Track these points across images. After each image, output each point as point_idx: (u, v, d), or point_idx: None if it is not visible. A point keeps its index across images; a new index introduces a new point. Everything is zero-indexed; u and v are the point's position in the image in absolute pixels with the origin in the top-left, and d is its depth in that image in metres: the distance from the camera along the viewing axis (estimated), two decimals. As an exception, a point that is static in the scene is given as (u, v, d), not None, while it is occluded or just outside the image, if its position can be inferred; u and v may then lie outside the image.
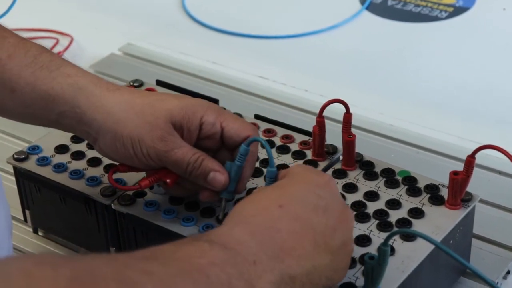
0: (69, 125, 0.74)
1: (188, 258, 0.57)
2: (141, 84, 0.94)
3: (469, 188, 0.76)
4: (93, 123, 0.72)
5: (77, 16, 1.29)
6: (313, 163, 0.82)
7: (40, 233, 0.88)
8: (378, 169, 0.81)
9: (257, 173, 0.80)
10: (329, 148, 0.83)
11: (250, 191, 0.77)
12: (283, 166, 0.82)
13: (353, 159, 0.81)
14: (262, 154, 0.83)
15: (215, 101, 0.92)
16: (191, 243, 0.59)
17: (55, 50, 1.19)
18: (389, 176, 0.80)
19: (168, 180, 0.74)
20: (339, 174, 0.80)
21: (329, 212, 0.64)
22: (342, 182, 0.79)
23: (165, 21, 1.28)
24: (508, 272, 0.82)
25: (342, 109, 0.80)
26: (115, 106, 0.72)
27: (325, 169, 0.82)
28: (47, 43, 1.21)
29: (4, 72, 0.73)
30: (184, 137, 0.73)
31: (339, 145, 0.83)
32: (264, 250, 0.60)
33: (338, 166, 0.81)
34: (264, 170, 0.81)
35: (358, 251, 0.72)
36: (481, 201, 0.81)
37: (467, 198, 0.77)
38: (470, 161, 0.75)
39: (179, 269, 0.56)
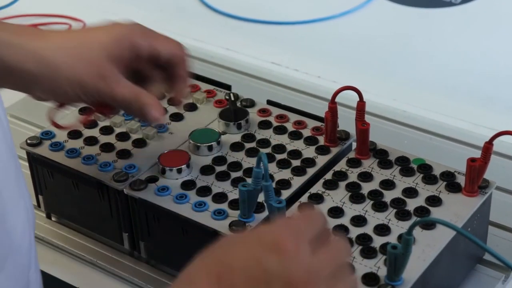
0: None
1: None
2: (153, 70, 0.94)
3: (484, 175, 0.76)
4: (25, 73, 0.69)
5: (89, 2, 1.29)
6: (325, 149, 0.82)
7: (53, 219, 0.89)
8: (392, 157, 0.80)
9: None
10: (342, 134, 0.83)
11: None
12: (295, 152, 0.82)
13: (367, 148, 0.81)
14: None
15: (228, 87, 0.92)
16: None
17: (68, 36, 1.19)
18: (404, 164, 0.80)
19: (106, 112, 0.77)
20: (353, 163, 0.80)
21: (275, 281, 0.51)
22: (357, 171, 0.79)
23: (178, 7, 1.28)
24: (522, 259, 0.82)
25: (355, 95, 0.79)
26: (46, 51, 0.69)
27: (337, 155, 0.82)
28: (59, 28, 1.21)
29: None
30: (121, 65, 0.72)
31: (352, 131, 0.83)
32: None
33: (352, 155, 0.81)
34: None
35: (378, 241, 0.72)
36: (496, 188, 0.81)
37: (484, 185, 0.76)
38: (487, 148, 0.74)
39: None
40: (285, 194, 0.77)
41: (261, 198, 0.74)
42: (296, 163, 0.80)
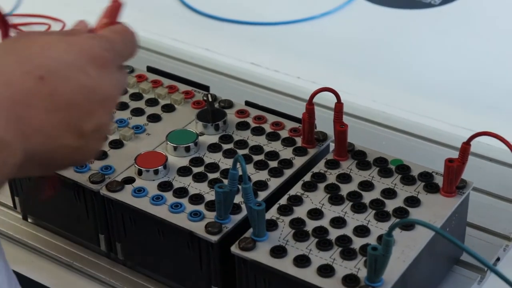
0: None
1: None
2: (132, 70, 0.94)
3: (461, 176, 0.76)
4: None
5: (69, 1, 1.28)
6: (302, 150, 0.82)
7: (29, 220, 0.88)
8: (370, 159, 0.80)
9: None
10: (319, 135, 0.83)
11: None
12: (273, 153, 0.81)
13: (346, 149, 0.81)
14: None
15: (206, 88, 0.91)
16: None
17: (47, 36, 1.19)
18: (382, 165, 0.79)
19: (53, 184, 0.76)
20: (332, 164, 0.80)
21: (93, 95, 0.58)
22: (335, 172, 0.79)
23: (157, 7, 1.28)
24: (498, 259, 0.82)
25: (334, 96, 0.79)
26: None
27: (314, 156, 0.81)
28: (39, 29, 1.20)
29: None
30: None
31: (329, 132, 0.82)
32: (9, 128, 0.54)
33: (330, 156, 0.81)
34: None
35: (357, 242, 0.71)
36: (473, 188, 0.81)
37: (462, 185, 0.77)
38: (465, 148, 0.74)
39: None
40: (262, 195, 0.77)
41: (237, 199, 0.73)
42: (273, 164, 0.80)
